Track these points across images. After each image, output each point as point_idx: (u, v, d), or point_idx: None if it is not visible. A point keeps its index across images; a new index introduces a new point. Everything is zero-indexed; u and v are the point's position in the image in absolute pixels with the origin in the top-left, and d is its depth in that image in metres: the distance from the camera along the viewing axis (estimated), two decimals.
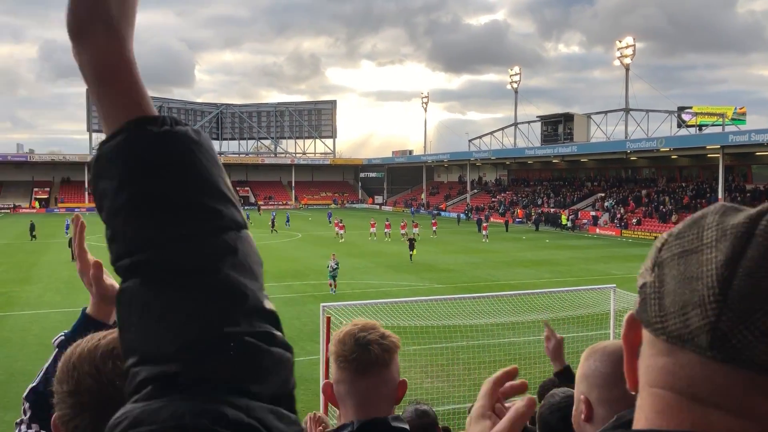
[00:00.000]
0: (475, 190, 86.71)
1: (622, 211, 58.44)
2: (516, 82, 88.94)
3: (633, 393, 0.75)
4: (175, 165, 0.80)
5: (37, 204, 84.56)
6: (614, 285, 14.74)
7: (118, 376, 1.22)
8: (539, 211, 65.22)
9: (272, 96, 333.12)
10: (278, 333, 0.84)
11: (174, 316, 0.76)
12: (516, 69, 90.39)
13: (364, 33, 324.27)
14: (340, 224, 47.74)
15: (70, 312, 21.74)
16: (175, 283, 0.77)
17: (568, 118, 77.09)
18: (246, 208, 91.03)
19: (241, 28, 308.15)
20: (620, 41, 74.74)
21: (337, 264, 26.40)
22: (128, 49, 0.86)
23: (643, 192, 61.52)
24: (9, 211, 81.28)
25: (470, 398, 11.84)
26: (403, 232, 46.60)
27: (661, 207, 56.03)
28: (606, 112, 75.02)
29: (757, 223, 0.65)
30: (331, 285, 25.96)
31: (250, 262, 0.82)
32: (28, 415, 1.98)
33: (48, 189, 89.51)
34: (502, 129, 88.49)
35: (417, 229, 46.19)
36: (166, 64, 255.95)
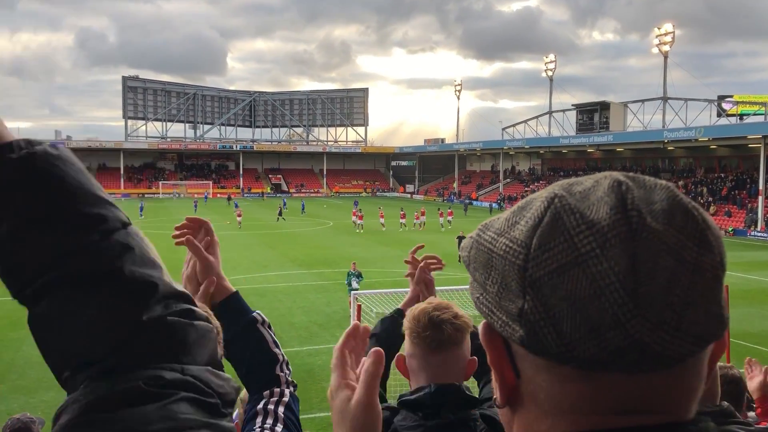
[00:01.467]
0: (508, 180, 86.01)
1: None
2: (551, 70, 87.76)
3: (500, 407, 0.73)
4: (44, 184, 0.79)
5: None
6: None
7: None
8: None
9: (303, 84, 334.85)
10: (197, 308, 0.86)
11: (94, 323, 0.78)
12: (551, 57, 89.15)
13: (395, 20, 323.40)
14: (359, 213, 46.01)
15: None
16: (84, 293, 0.78)
17: (604, 106, 75.86)
18: (279, 195, 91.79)
19: (273, 16, 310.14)
20: (659, 28, 73.13)
21: (359, 276, 20.67)
22: None
23: (680, 183, 60.36)
24: None
25: None
26: (420, 220, 45.90)
27: (699, 198, 54.92)
28: (643, 101, 73.59)
29: (628, 217, 0.62)
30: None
31: (146, 253, 0.84)
32: None
33: None
34: (537, 117, 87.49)
35: (451, 217, 45.89)
36: (199, 52, 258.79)
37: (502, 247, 0.68)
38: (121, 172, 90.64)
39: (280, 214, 52.36)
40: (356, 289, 18.55)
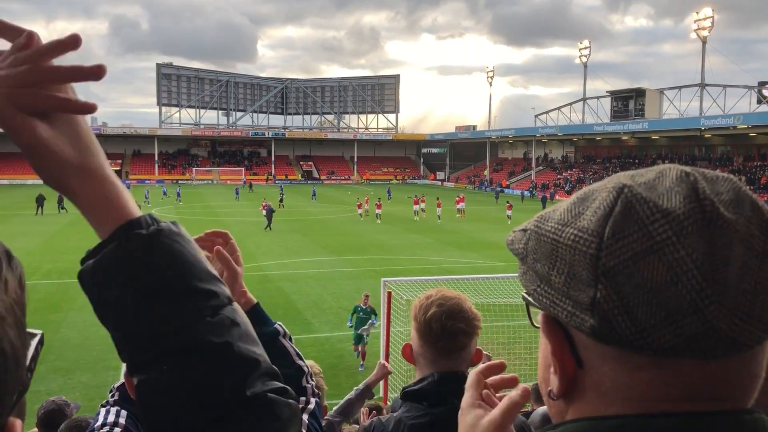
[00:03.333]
0: (541, 167, 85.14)
1: None
2: (585, 56, 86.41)
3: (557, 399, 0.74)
4: (167, 259, 0.83)
5: None
6: None
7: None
8: None
9: (332, 70, 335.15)
10: (289, 387, 0.89)
11: (201, 394, 0.81)
12: (585, 43, 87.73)
13: (424, 6, 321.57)
14: (377, 203, 43.44)
15: None
16: (194, 365, 0.81)
17: (639, 93, 74.51)
18: (309, 182, 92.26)
19: (303, 2, 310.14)
20: (697, 13, 71.44)
21: (372, 315, 14.60)
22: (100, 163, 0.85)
23: (718, 171, 58.97)
24: None
25: (531, 377, 11.72)
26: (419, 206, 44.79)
27: None
28: (680, 88, 72.08)
29: (703, 206, 0.63)
30: (356, 350, 14.56)
31: (250, 329, 0.87)
32: (115, 398, 2.09)
33: (120, 161, 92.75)
34: (570, 104, 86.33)
35: (462, 204, 45.58)
36: (229, 39, 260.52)
37: (570, 237, 0.68)
38: (155, 158, 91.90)
39: (281, 201, 51.81)
40: (361, 336, 14.25)
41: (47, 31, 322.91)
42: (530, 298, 0.75)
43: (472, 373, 0.99)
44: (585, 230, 0.67)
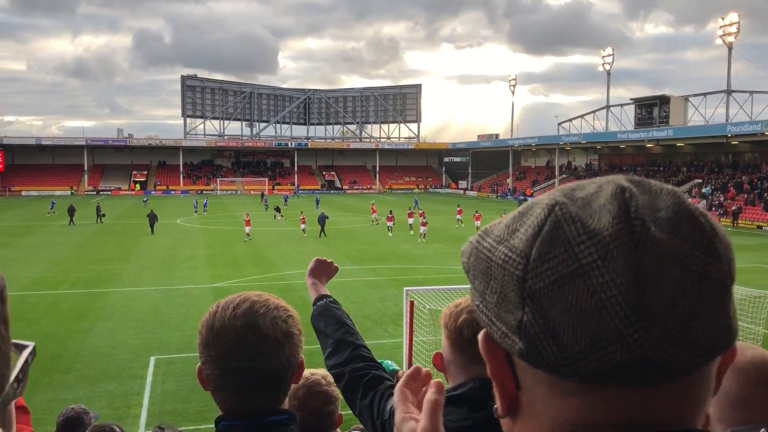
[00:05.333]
0: (564, 175, 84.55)
1: (721, 198, 55.55)
2: (608, 63, 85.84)
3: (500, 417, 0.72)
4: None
5: (136, 186, 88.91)
6: None
7: (259, 343, 1.46)
8: None
9: (352, 81, 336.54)
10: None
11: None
12: (608, 50, 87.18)
13: (443, 16, 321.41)
14: (389, 215, 41.21)
15: (165, 290, 22.82)
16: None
17: (663, 100, 73.71)
18: (332, 192, 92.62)
19: (323, 14, 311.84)
20: (722, 18, 70.63)
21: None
22: None
23: (745, 178, 58.22)
24: (110, 193, 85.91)
25: None
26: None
27: (766, 194, 52.88)
28: (705, 94, 71.25)
29: (631, 226, 0.60)
30: None
31: None
32: None
33: (145, 172, 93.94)
34: (593, 112, 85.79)
35: (460, 216, 45.18)
36: (251, 51, 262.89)
37: (501, 257, 0.66)
38: (180, 169, 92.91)
39: (277, 210, 51.66)
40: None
41: (73, 46, 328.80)
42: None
43: (396, 390, 0.97)
44: (514, 250, 0.65)
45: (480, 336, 0.72)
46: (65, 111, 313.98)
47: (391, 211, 41.86)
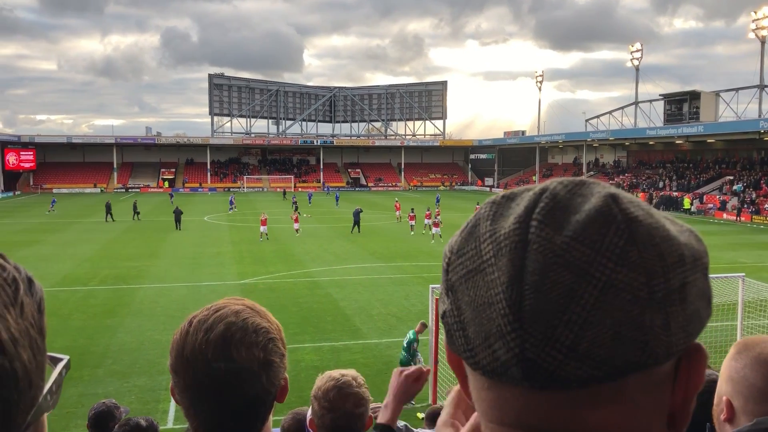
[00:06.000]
0: (592, 172, 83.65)
1: (753, 195, 54.49)
2: (637, 59, 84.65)
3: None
4: None
5: (165, 183, 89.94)
6: (743, 274, 13.85)
7: (232, 375, 1.27)
8: (660, 194, 62.11)
9: (377, 78, 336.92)
10: None
11: None
12: (637, 45, 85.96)
13: (468, 12, 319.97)
14: (411, 213, 40.68)
15: (193, 286, 23.06)
16: None
17: (694, 96, 72.55)
18: (357, 189, 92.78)
19: (348, 12, 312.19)
20: (755, 12, 69.20)
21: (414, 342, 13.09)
22: None
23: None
24: (139, 190, 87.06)
25: None
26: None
27: None
28: (737, 90, 69.89)
29: (527, 226, 0.59)
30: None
31: None
32: None
33: (173, 170, 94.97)
34: (622, 108, 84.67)
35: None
36: (276, 49, 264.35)
37: (444, 251, 0.68)
38: (208, 167, 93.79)
39: (296, 209, 50.69)
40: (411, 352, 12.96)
41: (102, 45, 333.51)
42: None
43: (454, 390, 0.94)
44: (449, 245, 0.67)
45: None
46: (95, 109, 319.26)
47: (412, 209, 41.65)
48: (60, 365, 0.76)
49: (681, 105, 73.38)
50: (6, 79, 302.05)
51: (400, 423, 4.43)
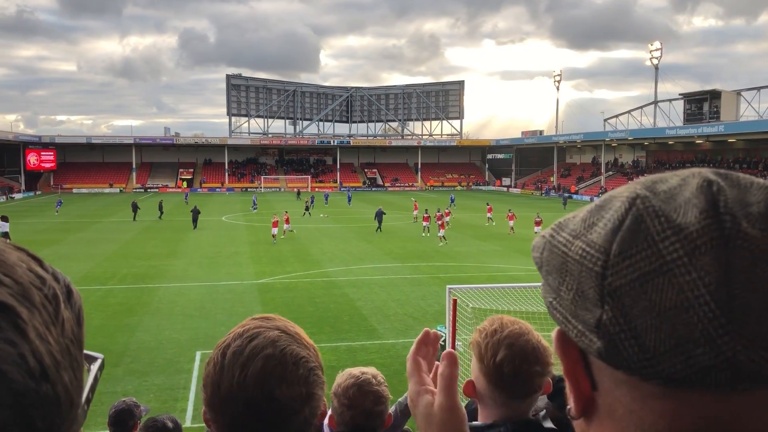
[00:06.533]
0: (611, 172, 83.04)
1: None
2: (656, 58, 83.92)
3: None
4: None
5: (183, 184, 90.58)
6: None
7: (274, 414, 1.19)
8: None
9: (393, 78, 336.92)
10: None
11: None
12: (656, 44, 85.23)
13: (484, 12, 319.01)
14: (425, 215, 39.69)
15: (211, 286, 23.18)
16: None
17: (714, 95, 71.77)
18: (374, 189, 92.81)
19: (364, 12, 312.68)
20: None
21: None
22: None
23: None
24: (157, 190, 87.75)
25: None
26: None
27: None
28: (758, 88, 69.02)
29: (720, 221, 0.57)
30: None
31: None
32: None
33: (191, 170, 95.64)
34: (641, 107, 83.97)
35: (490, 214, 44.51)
36: (293, 49, 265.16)
37: (578, 252, 0.63)
38: (225, 167, 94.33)
39: (306, 209, 51.37)
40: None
41: (121, 46, 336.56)
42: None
43: (408, 360, 0.93)
44: (593, 245, 0.62)
45: (554, 333, 0.69)
46: (114, 110, 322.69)
47: (426, 211, 41.42)
48: (95, 367, 0.75)
49: (701, 104, 72.64)
50: (27, 81, 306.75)
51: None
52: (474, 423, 1.83)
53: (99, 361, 0.75)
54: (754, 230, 0.56)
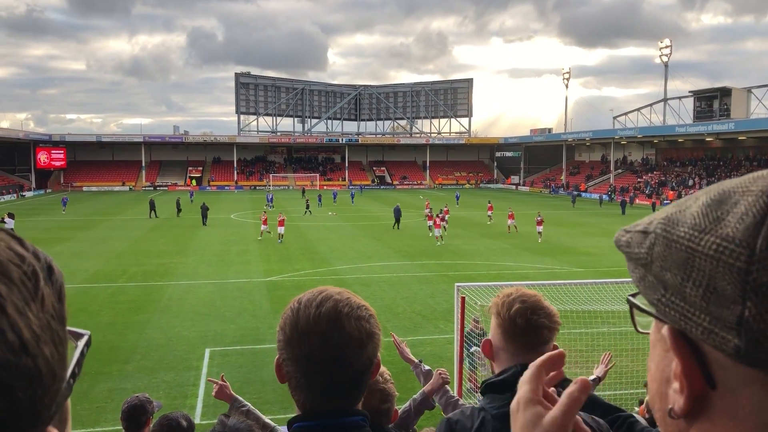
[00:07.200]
0: (620, 170, 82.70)
1: None
2: (666, 55, 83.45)
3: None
4: None
5: (193, 182, 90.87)
6: None
7: (344, 344, 1.42)
8: (690, 193, 61.18)
9: (401, 76, 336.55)
10: None
11: None
12: (666, 42, 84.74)
13: (492, 10, 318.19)
14: (429, 214, 39.50)
15: (220, 284, 23.27)
16: None
17: (724, 92, 71.29)
18: (382, 187, 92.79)
19: (372, 10, 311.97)
20: None
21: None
22: None
23: None
24: (167, 188, 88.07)
25: (611, 386, 11.38)
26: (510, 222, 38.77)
27: None
28: None
29: None
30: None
31: None
32: None
33: (200, 168, 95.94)
34: (650, 105, 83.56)
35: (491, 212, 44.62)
36: (301, 47, 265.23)
37: (711, 246, 0.61)
38: (234, 165, 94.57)
39: (307, 207, 51.40)
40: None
41: (130, 45, 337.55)
42: (645, 307, 0.70)
43: (532, 366, 0.93)
44: (731, 240, 0.59)
45: (665, 331, 0.68)
46: (123, 109, 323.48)
47: (430, 209, 41.51)
48: (81, 342, 0.75)
49: (711, 102, 72.19)
50: (37, 80, 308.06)
51: (425, 367, 4.55)
52: (488, 378, 2.08)
53: (85, 338, 0.76)
54: None
